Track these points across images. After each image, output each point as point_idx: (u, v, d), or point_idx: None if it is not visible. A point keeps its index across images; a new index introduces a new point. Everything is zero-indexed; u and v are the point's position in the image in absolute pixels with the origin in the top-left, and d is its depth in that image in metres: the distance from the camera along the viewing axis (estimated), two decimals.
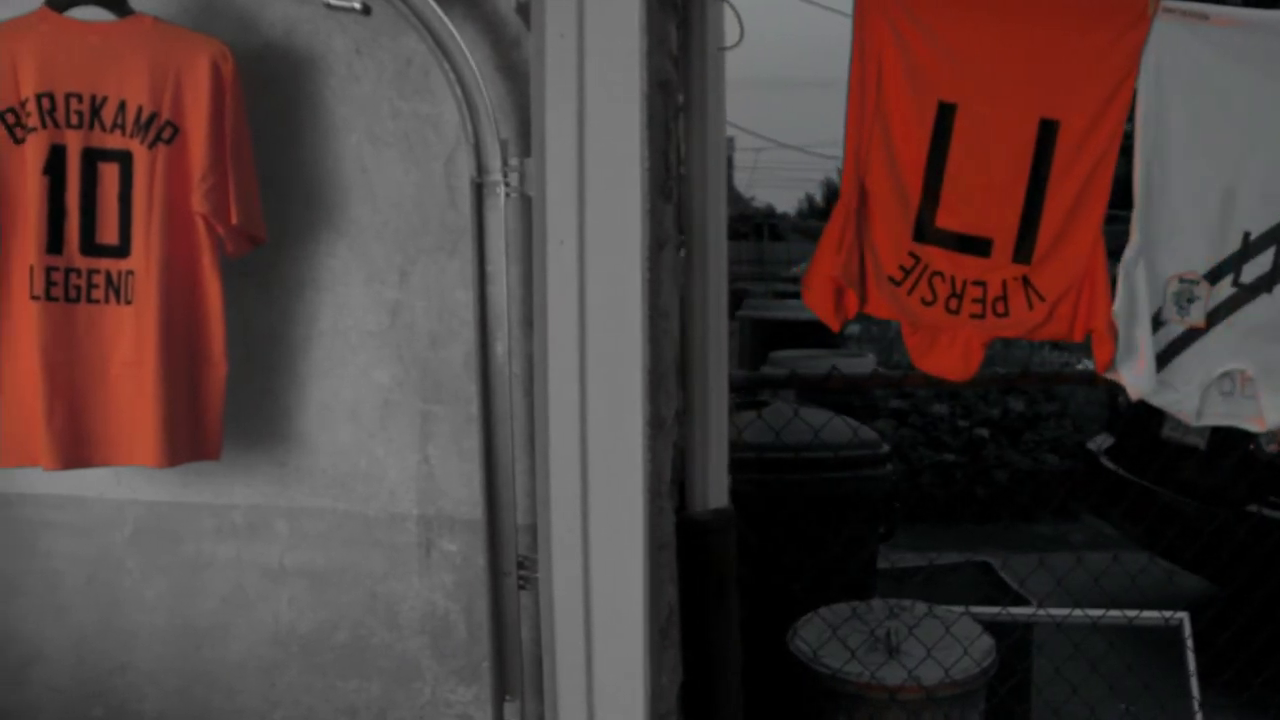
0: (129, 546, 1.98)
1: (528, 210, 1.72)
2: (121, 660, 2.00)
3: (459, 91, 1.68)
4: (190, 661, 1.98)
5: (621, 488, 1.69)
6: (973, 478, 4.84)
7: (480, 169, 1.69)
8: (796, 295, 8.19)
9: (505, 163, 1.69)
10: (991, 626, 2.40)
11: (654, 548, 1.77)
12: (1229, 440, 2.04)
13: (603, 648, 1.72)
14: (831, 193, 25.74)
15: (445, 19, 1.68)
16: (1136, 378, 1.80)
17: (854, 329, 7.16)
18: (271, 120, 1.84)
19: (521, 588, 1.76)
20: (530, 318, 1.74)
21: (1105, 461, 3.72)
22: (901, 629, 2.26)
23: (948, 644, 2.29)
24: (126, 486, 1.96)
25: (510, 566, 1.75)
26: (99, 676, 2.01)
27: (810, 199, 25.92)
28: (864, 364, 5.17)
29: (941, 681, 2.19)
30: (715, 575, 1.98)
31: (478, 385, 1.72)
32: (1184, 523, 3.19)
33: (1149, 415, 3.50)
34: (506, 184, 1.69)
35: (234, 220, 1.73)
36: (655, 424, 1.76)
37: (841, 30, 1.95)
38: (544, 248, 1.65)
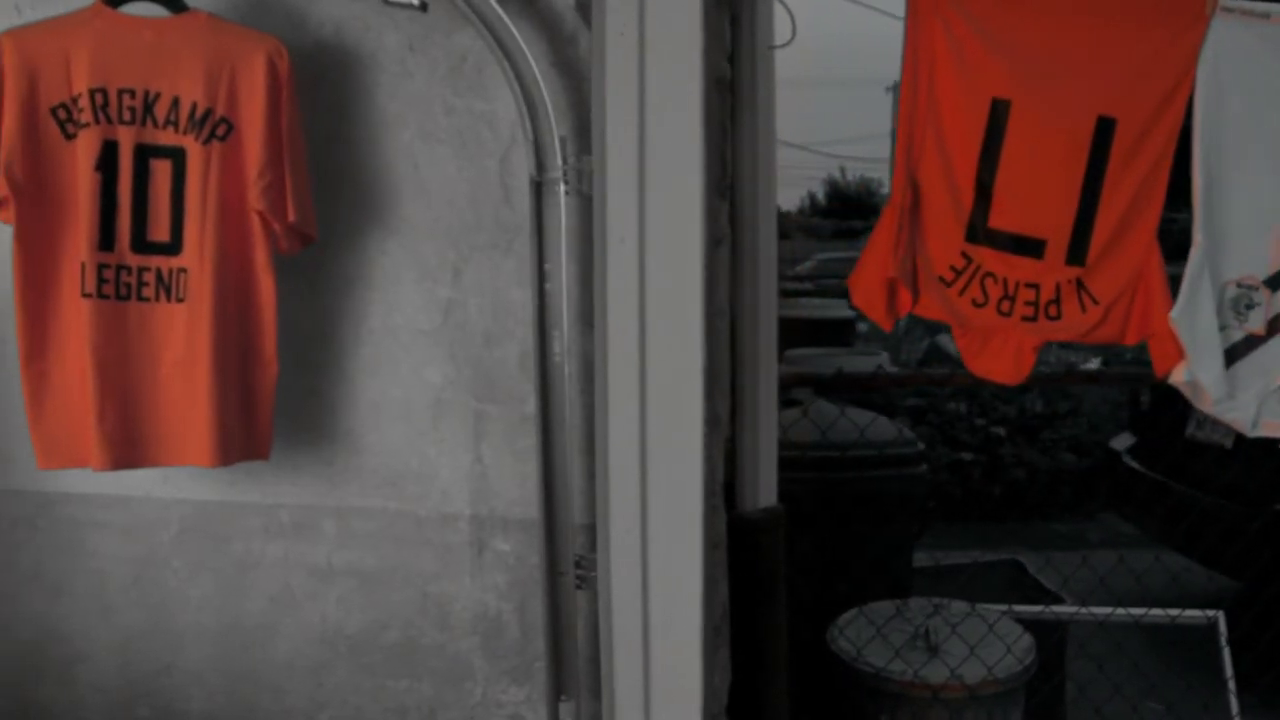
0: (175, 546, 1.97)
1: (585, 208, 1.71)
2: (167, 660, 2.00)
3: (517, 89, 1.68)
4: (237, 661, 1.98)
5: (680, 487, 1.69)
6: (990, 476, 4.85)
7: (539, 167, 1.69)
8: (804, 294, 8.20)
9: (565, 161, 1.68)
10: (1027, 625, 2.40)
11: (708, 547, 1.77)
12: (1257, 439, 2.04)
13: (660, 647, 1.71)
14: (834, 191, 25.73)
15: (504, 16, 1.67)
16: (1213, 383, 1.79)
17: (864, 328, 7.16)
18: (320, 117, 1.83)
19: (578, 587, 1.76)
20: (587, 316, 1.74)
21: (1129, 460, 3.73)
22: (943, 627, 2.26)
23: (989, 642, 2.29)
24: (173, 486, 1.95)
25: (567, 566, 1.75)
26: (145, 676, 2.00)
27: (812, 197, 25.91)
28: (875, 362, 5.18)
29: (984, 680, 2.19)
30: (765, 574, 1.98)
31: (536, 384, 1.72)
32: (1210, 521, 3.20)
33: (1173, 414, 3.51)
34: (565, 182, 1.69)
35: (291, 218, 1.72)
36: (711, 423, 1.76)
37: (844, 29, 1.96)
38: (604, 245, 1.64)
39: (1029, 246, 1.93)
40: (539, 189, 1.69)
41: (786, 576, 2.04)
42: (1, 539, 2.00)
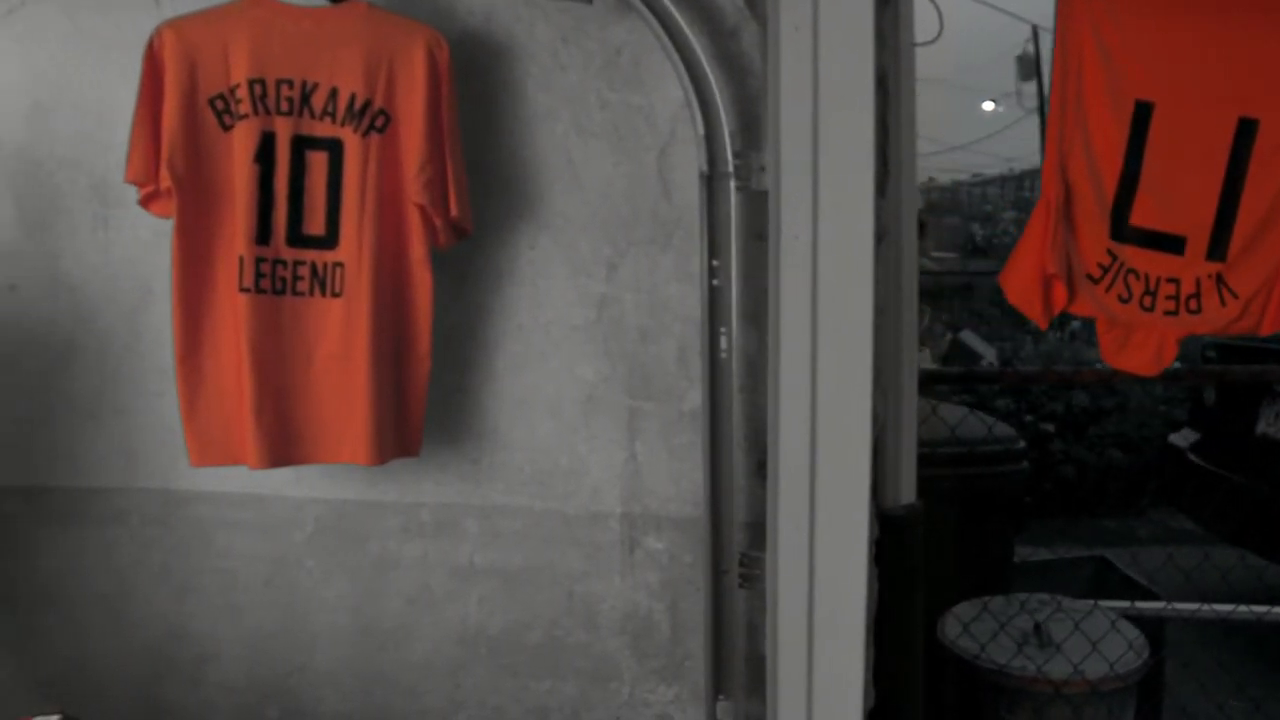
0: (309, 546, 1.97)
1: (750, 204, 1.72)
2: (300, 661, 1.99)
3: (688, 83, 1.68)
4: (371, 663, 1.97)
5: (848, 486, 1.70)
6: (1040, 472, 4.90)
7: (710, 161, 1.69)
8: None
9: (737, 156, 1.69)
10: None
11: (870, 545, 1.78)
12: None
13: (823, 646, 1.73)
14: None
15: (673, 10, 1.68)
16: None
17: None
18: (468, 108, 1.82)
19: (741, 586, 1.77)
20: (750, 313, 1.75)
21: (1192, 457, 3.78)
22: (1068, 623, 2.29)
23: (1098, 639, 2.32)
24: (307, 485, 1.94)
25: (730, 565, 1.76)
26: (276, 677, 1.99)
27: None
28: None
29: (1106, 676, 2.23)
30: (907, 572, 2.00)
31: (703, 381, 1.72)
32: None
33: (1240, 412, 3.57)
34: (736, 178, 1.69)
35: (454, 213, 1.72)
36: (876, 421, 1.77)
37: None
38: (779, 242, 1.65)
39: (1170, 243, 1.98)
40: (710, 184, 1.69)
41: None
42: (130, 537, 1.98)
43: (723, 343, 1.72)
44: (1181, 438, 3.94)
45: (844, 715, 1.75)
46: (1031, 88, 14.25)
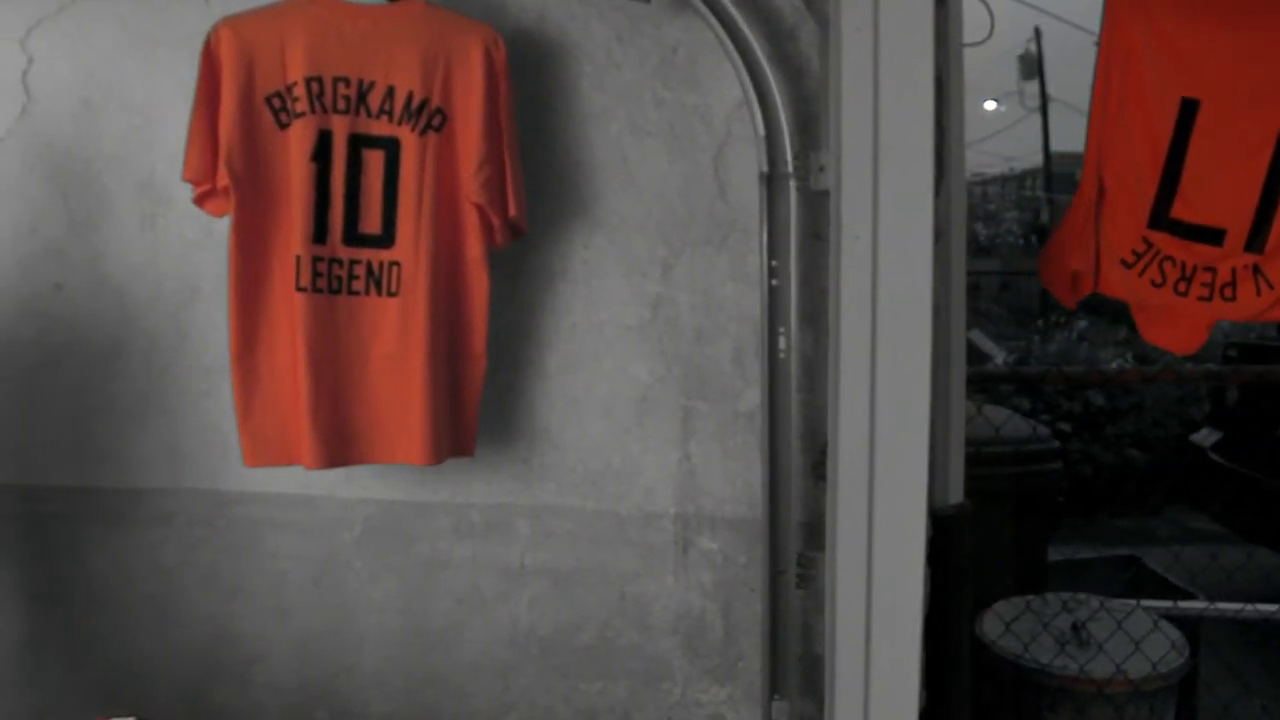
0: (358, 547, 1.97)
1: (807, 204, 1.73)
2: (347, 662, 1.99)
3: (748, 83, 1.69)
4: (420, 664, 1.98)
5: (905, 487, 1.71)
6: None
7: (770, 161, 1.70)
8: None
9: (795, 156, 1.69)
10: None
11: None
12: None
13: (880, 646, 1.74)
14: None
15: (734, 10, 1.68)
16: None
17: None
18: (522, 108, 1.82)
19: (798, 586, 1.77)
20: (807, 313, 1.76)
21: (1214, 456, 3.81)
22: (1105, 622, 2.30)
23: (1139, 638, 2.34)
24: (358, 486, 1.95)
25: (787, 565, 1.77)
26: (324, 678, 2.00)
27: None
28: None
29: (1148, 675, 2.24)
30: (955, 571, 2.00)
31: (762, 381, 1.73)
32: None
33: (1263, 411, 3.60)
34: (795, 178, 1.70)
35: (513, 212, 1.72)
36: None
37: None
38: (839, 243, 1.66)
39: (1209, 235, 2.03)
40: (770, 184, 1.70)
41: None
42: (177, 538, 1.98)
43: (781, 343, 1.73)
44: (1203, 437, 3.96)
45: (900, 715, 1.77)
46: (1033, 87, 14.34)
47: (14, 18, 1.90)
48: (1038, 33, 13.31)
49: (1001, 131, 14.74)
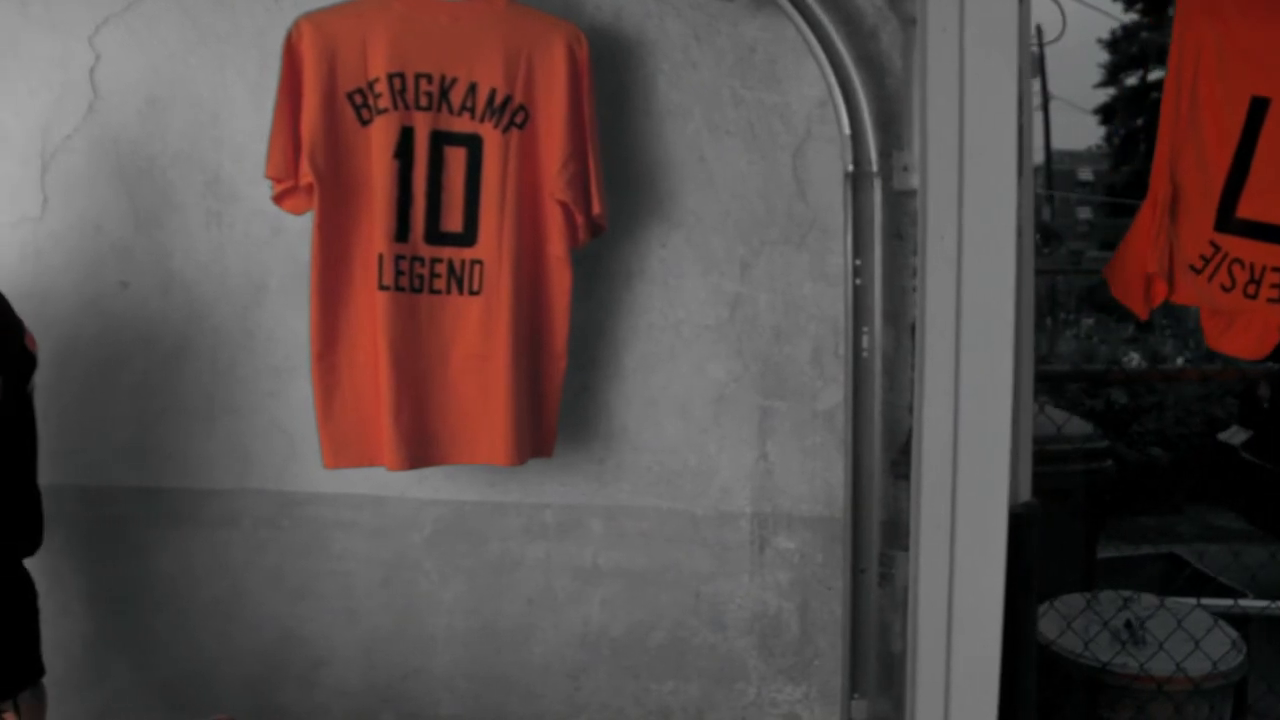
0: (428, 548, 1.98)
1: (890, 203, 1.75)
2: (416, 664, 2.00)
3: (833, 82, 1.71)
4: (489, 665, 1.99)
5: (987, 486, 1.74)
6: None
7: (856, 161, 1.71)
8: None
9: (881, 155, 1.71)
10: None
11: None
12: None
13: (961, 644, 1.76)
14: None
15: (819, 10, 1.70)
16: None
17: None
18: (598, 105, 1.83)
19: (880, 584, 1.79)
20: (888, 312, 1.78)
21: (1245, 455, 3.85)
22: (1169, 620, 2.34)
23: (1196, 636, 2.37)
24: (429, 486, 1.96)
25: (868, 563, 1.79)
26: (391, 681, 2.01)
27: None
28: None
29: (1209, 673, 2.27)
30: (1025, 571, 2.03)
31: (846, 380, 1.75)
32: None
33: None
34: (880, 177, 1.72)
35: (596, 209, 1.73)
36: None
37: None
38: (925, 242, 1.68)
39: (1275, 234, 2.04)
40: (855, 183, 1.72)
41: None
42: (244, 540, 1.99)
43: (865, 342, 1.75)
44: (1232, 435, 4.01)
45: (979, 712, 1.79)
46: (1037, 85, 14.44)
47: (82, 15, 1.90)
48: (1039, 32, 13.35)
49: None
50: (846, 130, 1.71)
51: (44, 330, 1.61)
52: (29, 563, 1.60)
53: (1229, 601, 2.60)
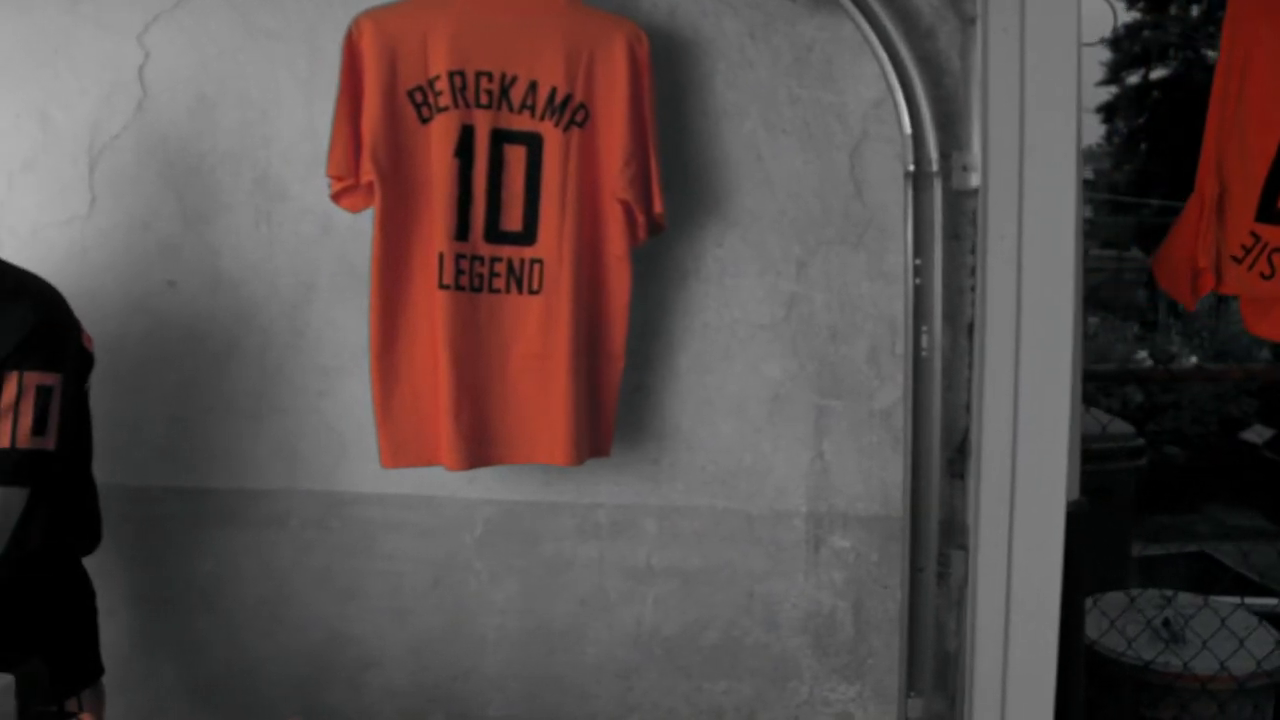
0: (479, 548, 1.99)
1: (949, 203, 1.77)
2: (466, 665, 2.01)
3: (894, 81, 1.73)
4: (541, 666, 2.00)
5: (1045, 485, 1.76)
6: None
7: (916, 160, 1.73)
8: None
9: (941, 155, 1.73)
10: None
11: None
12: None
13: (1018, 643, 1.79)
14: None
15: (879, 9, 1.72)
16: None
17: None
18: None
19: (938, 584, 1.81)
20: (947, 312, 1.80)
21: (1268, 454, 3.89)
22: (1213, 618, 2.37)
23: (1238, 635, 2.40)
24: (480, 486, 1.97)
25: (926, 562, 1.81)
26: (440, 682, 2.02)
27: None
28: None
29: (1253, 672, 2.31)
30: (1073, 569, 2.05)
31: (905, 380, 1.77)
32: None
33: None
34: (940, 177, 1.74)
35: (657, 208, 1.75)
36: None
37: None
38: (986, 242, 1.70)
39: None
40: (915, 182, 1.74)
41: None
42: (291, 540, 2.00)
43: (924, 341, 1.77)
44: (1255, 434, 4.05)
45: (1036, 711, 1.81)
46: None
47: (132, 12, 1.91)
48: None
49: None
50: (907, 130, 1.73)
51: (91, 329, 1.61)
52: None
53: (1273, 600, 2.63)
